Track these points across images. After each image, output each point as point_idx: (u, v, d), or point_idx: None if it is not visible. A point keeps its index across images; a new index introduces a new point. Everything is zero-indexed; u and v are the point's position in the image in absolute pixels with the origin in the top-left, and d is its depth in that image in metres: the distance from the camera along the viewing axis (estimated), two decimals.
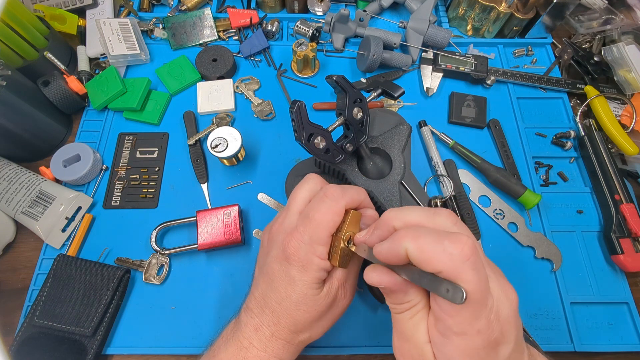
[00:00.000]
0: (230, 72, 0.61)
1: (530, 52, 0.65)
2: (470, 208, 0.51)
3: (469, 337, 0.22)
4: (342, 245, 0.30)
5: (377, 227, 0.27)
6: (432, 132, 0.56)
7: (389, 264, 0.25)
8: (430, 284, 0.21)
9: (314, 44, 0.59)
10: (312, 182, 0.34)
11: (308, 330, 0.32)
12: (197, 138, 0.56)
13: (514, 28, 0.64)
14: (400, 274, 0.24)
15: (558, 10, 0.60)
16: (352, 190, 0.32)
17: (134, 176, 0.54)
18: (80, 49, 0.63)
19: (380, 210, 0.45)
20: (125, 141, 0.56)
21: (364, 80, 0.61)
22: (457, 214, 0.50)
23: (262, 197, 0.52)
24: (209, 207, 0.52)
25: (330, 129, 0.42)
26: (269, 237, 0.34)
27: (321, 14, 0.67)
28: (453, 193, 0.51)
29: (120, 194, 0.53)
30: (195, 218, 0.48)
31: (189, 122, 0.57)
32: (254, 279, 0.35)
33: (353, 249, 0.30)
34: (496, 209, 0.52)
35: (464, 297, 0.20)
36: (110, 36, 0.60)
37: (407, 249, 0.22)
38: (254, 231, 0.50)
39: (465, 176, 0.54)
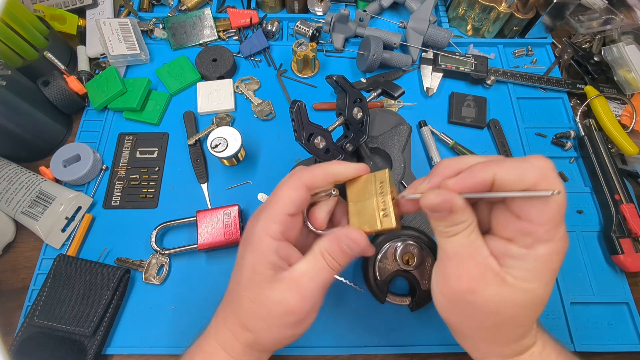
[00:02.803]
0: (230, 72, 0.61)
1: (530, 52, 0.65)
2: None
3: (555, 242, 0.24)
4: (391, 203, 0.28)
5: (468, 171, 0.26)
6: (432, 132, 0.56)
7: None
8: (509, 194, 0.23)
9: (314, 44, 0.59)
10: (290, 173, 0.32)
11: (252, 328, 0.29)
12: (197, 138, 0.56)
13: (514, 28, 0.64)
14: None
15: (558, 10, 0.60)
16: (319, 169, 0.30)
17: (134, 176, 0.54)
18: (80, 49, 0.63)
19: None
20: (125, 141, 0.56)
21: (364, 80, 0.61)
22: None
23: (262, 197, 0.52)
24: (209, 207, 0.52)
25: (330, 129, 0.42)
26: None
27: (321, 14, 0.67)
28: None
29: (120, 194, 0.53)
30: (195, 218, 0.48)
31: (189, 122, 0.57)
32: None
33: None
34: None
35: (556, 190, 0.22)
36: (110, 36, 0.60)
37: (495, 174, 0.23)
38: None
39: None
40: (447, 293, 0.27)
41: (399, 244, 0.44)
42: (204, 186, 0.53)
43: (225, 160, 0.53)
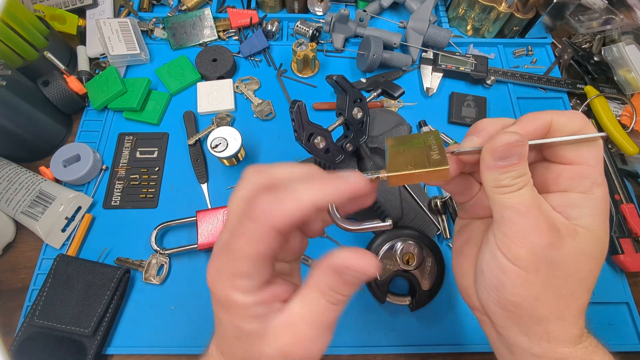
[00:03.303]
0: (230, 72, 0.61)
1: (530, 52, 0.65)
2: None
3: (605, 185, 0.24)
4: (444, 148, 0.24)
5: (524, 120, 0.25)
6: None
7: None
8: (563, 141, 0.24)
9: (314, 44, 0.59)
10: (246, 182, 0.23)
11: None
12: (197, 138, 0.56)
13: (514, 28, 0.64)
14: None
15: (558, 10, 0.60)
16: (291, 198, 0.20)
17: (134, 176, 0.54)
18: (80, 49, 0.63)
19: (380, 210, 0.45)
20: (125, 141, 0.56)
21: (364, 80, 0.61)
22: (457, 214, 0.50)
23: None
24: (209, 207, 0.52)
25: (330, 129, 0.42)
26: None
27: (321, 14, 0.67)
28: None
29: (120, 194, 0.53)
30: (195, 218, 0.48)
31: (189, 122, 0.57)
32: None
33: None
34: None
35: (603, 133, 0.24)
36: (110, 36, 0.60)
37: (552, 119, 0.24)
38: None
39: None
40: (522, 257, 0.23)
41: (399, 244, 0.44)
42: (204, 186, 0.53)
43: (225, 160, 0.53)
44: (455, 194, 0.30)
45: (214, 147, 0.49)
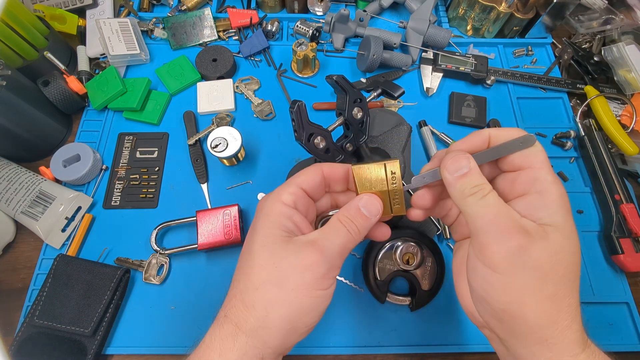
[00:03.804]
0: (230, 72, 0.61)
1: (530, 52, 0.65)
2: None
3: (559, 182, 0.26)
4: (396, 189, 0.29)
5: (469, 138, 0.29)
6: (432, 132, 0.56)
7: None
8: (504, 150, 0.27)
9: (314, 44, 0.59)
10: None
11: (260, 301, 0.25)
12: (197, 138, 0.56)
13: (514, 28, 0.64)
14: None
15: (558, 10, 0.60)
16: (338, 165, 0.31)
17: (134, 176, 0.54)
18: (80, 49, 0.63)
19: None
20: (125, 141, 0.56)
21: (364, 80, 0.61)
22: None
23: (262, 196, 0.52)
24: (209, 207, 0.52)
25: (330, 129, 0.42)
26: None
27: (321, 14, 0.67)
28: None
29: (120, 194, 0.53)
30: (195, 218, 0.48)
31: (189, 122, 0.57)
32: None
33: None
34: None
35: (534, 138, 0.26)
36: (110, 36, 0.60)
37: (490, 134, 0.28)
38: None
39: None
40: (498, 262, 0.24)
41: (399, 244, 0.44)
42: (204, 186, 0.53)
43: (225, 160, 0.53)
44: (440, 217, 0.34)
45: (214, 147, 0.49)
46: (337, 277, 0.47)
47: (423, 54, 0.62)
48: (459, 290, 0.30)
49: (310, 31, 0.63)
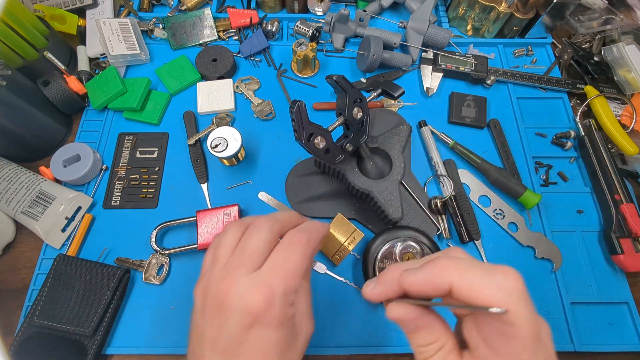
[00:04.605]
0: (230, 72, 0.61)
1: (530, 52, 0.65)
2: (470, 208, 0.51)
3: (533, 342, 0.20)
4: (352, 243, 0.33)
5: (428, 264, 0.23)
6: (432, 132, 0.56)
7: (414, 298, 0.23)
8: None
9: (314, 44, 0.59)
10: (235, 226, 0.30)
11: None
12: (197, 138, 0.56)
13: (514, 28, 0.64)
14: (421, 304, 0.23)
15: (558, 10, 0.60)
16: (319, 227, 0.31)
17: (134, 176, 0.54)
18: (80, 49, 0.63)
19: (380, 211, 0.45)
20: (125, 141, 0.56)
21: (364, 80, 0.61)
22: (457, 214, 0.50)
23: (262, 196, 0.52)
24: (209, 207, 0.52)
25: (330, 129, 0.42)
26: (211, 302, 0.26)
27: (321, 14, 0.67)
28: (453, 193, 0.51)
29: (120, 194, 0.53)
30: (195, 218, 0.48)
31: (189, 122, 0.57)
32: None
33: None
34: (496, 209, 0.52)
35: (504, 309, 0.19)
36: (110, 36, 0.60)
37: (452, 282, 0.20)
38: None
39: (465, 176, 0.54)
40: None
41: (399, 244, 0.44)
42: (204, 186, 0.53)
43: (225, 160, 0.53)
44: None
45: (214, 147, 0.49)
46: (338, 277, 0.47)
47: (423, 54, 0.62)
48: None
49: (310, 31, 0.63)
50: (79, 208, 0.51)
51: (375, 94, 0.46)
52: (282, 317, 0.25)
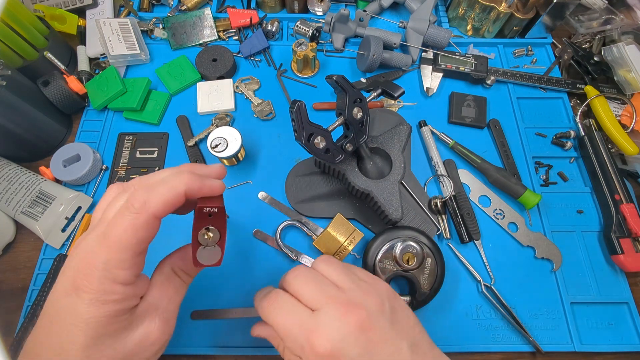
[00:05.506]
0: (230, 72, 0.61)
1: (530, 52, 0.65)
2: (470, 208, 0.51)
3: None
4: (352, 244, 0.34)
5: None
6: (432, 132, 0.56)
7: None
8: None
9: (314, 44, 0.59)
10: (114, 189, 0.27)
11: None
12: (197, 139, 0.56)
13: (514, 28, 0.64)
14: None
15: (558, 10, 0.60)
16: (163, 187, 0.24)
17: (134, 176, 0.54)
18: (80, 49, 0.63)
19: (380, 210, 0.45)
20: (125, 141, 0.57)
21: (364, 80, 0.61)
22: (457, 214, 0.50)
23: (262, 196, 0.52)
24: None
25: (330, 129, 0.42)
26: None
27: (321, 14, 0.68)
28: (453, 193, 0.51)
29: None
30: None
31: (183, 127, 0.57)
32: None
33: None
34: (496, 209, 0.52)
35: None
36: (110, 36, 0.60)
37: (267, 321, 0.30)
38: (254, 231, 0.50)
39: (465, 176, 0.54)
40: None
41: (399, 244, 0.44)
42: None
43: (225, 160, 0.53)
44: None
45: (213, 147, 0.49)
46: None
47: (423, 54, 0.62)
48: None
49: (310, 31, 0.63)
50: (79, 208, 0.51)
51: (375, 94, 0.46)
52: (100, 291, 0.23)
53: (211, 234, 0.27)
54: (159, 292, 0.27)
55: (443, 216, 0.51)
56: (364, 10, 0.64)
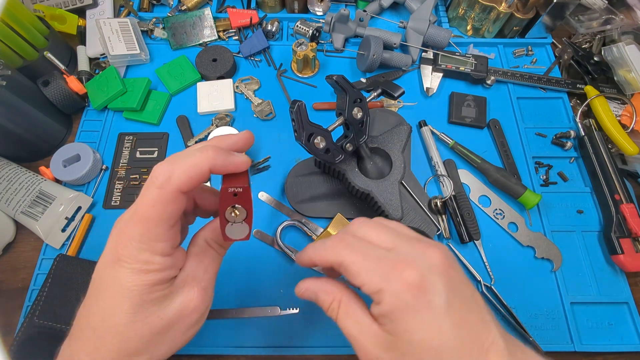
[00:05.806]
0: (230, 72, 0.61)
1: (530, 52, 0.65)
2: (470, 208, 0.51)
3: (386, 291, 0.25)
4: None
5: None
6: (432, 132, 0.56)
7: None
8: None
9: (314, 44, 0.59)
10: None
11: (146, 350, 0.25)
12: (197, 139, 0.56)
13: (514, 28, 0.64)
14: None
15: (558, 10, 0.60)
16: (187, 163, 0.24)
17: (134, 176, 0.54)
18: (80, 49, 0.63)
19: (380, 210, 0.45)
20: (125, 141, 0.56)
21: (364, 80, 0.61)
22: (457, 214, 0.50)
23: (262, 196, 0.52)
24: None
25: (330, 129, 0.42)
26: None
27: (321, 14, 0.68)
28: (453, 193, 0.51)
29: (120, 194, 0.53)
30: None
31: (183, 127, 0.57)
32: None
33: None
34: (496, 209, 0.52)
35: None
36: (110, 36, 0.60)
37: (336, 262, 0.27)
38: (254, 231, 0.50)
39: (465, 176, 0.54)
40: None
41: None
42: None
43: None
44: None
45: None
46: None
47: (423, 54, 0.62)
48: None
49: (310, 31, 0.63)
50: (79, 208, 0.51)
51: (375, 94, 0.46)
52: (141, 261, 0.24)
53: (238, 212, 0.27)
54: (195, 263, 0.28)
55: (443, 216, 0.51)
56: (364, 10, 0.64)
